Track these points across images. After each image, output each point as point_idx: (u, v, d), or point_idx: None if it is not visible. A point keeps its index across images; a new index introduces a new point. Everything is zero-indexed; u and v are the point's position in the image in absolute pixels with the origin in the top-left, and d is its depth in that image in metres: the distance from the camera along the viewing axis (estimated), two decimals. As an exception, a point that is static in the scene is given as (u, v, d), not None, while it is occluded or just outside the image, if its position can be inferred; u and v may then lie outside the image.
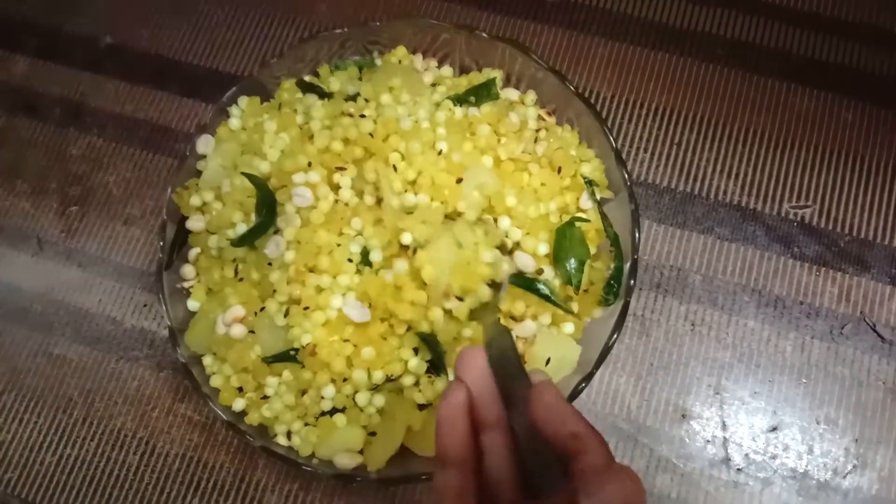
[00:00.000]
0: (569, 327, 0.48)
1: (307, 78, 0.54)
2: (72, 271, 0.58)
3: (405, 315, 0.44)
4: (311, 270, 0.45)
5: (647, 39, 0.61)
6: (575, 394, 0.45)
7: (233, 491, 0.52)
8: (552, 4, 0.63)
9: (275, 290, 0.46)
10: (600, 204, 0.50)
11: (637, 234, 0.47)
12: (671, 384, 0.52)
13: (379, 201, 0.47)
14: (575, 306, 0.47)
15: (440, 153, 0.48)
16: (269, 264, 0.46)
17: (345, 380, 0.45)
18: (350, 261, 0.45)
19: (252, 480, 0.52)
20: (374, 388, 0.45)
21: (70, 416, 0.54)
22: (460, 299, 0.43)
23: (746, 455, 0.50)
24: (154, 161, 0.61)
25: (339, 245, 0.45)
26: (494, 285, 0.43)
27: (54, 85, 0.64)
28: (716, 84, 0.59)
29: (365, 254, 0.46)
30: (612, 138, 0.49)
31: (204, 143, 0.51)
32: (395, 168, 0.47)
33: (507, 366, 0.33)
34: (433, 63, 0.55)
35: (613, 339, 0.45)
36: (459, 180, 0.47)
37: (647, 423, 0.51)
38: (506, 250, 0.45)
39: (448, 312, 0.44)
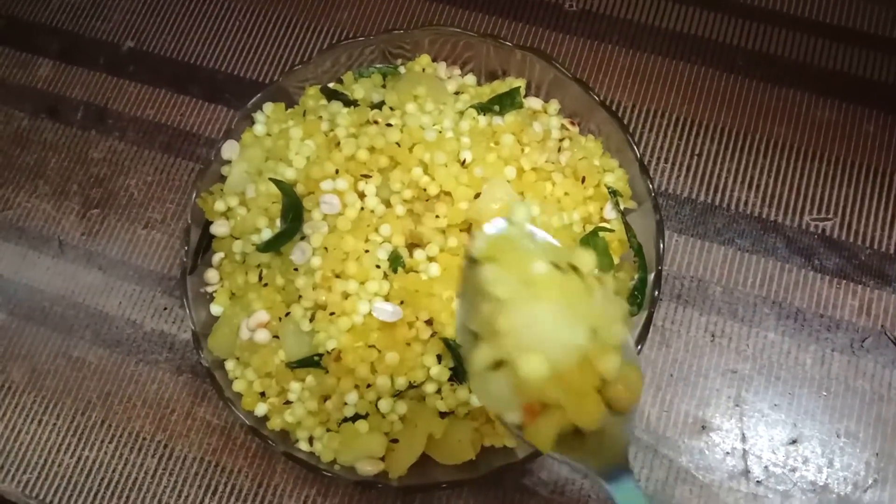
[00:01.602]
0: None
1: (331, 85, 0.54)
2: (92, 274, 0.58)
3: (439, 315, 0.44)
4: (338, 276, 0.45)
5: (668, 49, 0.61)
6: (598, 404, 0.44)
7: (251, 495, 0.52)
8: (573, 14, 0.63)
9: (300, 296, 0.46)
10: (624, 214, 0.50)
11: (661, 245, 0.47)
12: (691, 395, 0.52)
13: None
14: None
15: (463, 163, 0.48)
16: (295, 270, 0.46)
17: (368, 386, 0.45)
18: (378, 267, 0.46)
19: (270, 485, 0.52)
20: (397, 395, 0.45)
21: (89, 418, 0.54)
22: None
23: (766, 467, 0.50)
24: (175, 165, 0.61)
25: (366, 251, 0.45)
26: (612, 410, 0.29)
27: (77, 88, 0.64)
28: (736, 95, 0.59)
29: (393, 259, 0.46)
30: (636, 148, 0.49)
31: (229, 149, 0.51)
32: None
33: None
34: (456, 71, 0.55)
35: (637, 350, 0.45)
36: (478, 195, 0.47)
37: (666, 434, 0.51)
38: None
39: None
